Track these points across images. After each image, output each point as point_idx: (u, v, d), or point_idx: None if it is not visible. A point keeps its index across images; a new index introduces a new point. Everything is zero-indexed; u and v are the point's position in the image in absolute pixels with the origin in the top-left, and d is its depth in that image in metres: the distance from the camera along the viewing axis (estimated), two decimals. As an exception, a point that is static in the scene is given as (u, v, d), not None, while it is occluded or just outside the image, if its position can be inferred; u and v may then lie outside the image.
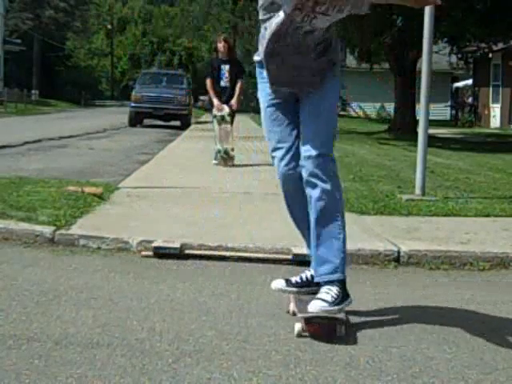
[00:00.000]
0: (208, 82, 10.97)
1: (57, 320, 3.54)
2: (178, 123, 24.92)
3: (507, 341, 3.51)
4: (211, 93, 10.99)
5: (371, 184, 8.45)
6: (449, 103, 42.53)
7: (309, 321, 3.42)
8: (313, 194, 3.53)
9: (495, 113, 31.63)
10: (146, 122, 25.32)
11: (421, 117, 7.72)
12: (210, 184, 8.38)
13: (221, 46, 10.91)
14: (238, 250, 5.05)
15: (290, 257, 4.96)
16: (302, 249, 5.02)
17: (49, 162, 10.95)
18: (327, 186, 3.50)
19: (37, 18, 58.56)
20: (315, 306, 3.40)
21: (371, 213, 6.51)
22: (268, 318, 3.71)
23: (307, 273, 3.80)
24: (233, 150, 11.14)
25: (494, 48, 27.59)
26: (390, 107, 33.93)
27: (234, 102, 10.98)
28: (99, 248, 5.13)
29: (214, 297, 4.09)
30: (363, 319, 3.78)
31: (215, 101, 10.92)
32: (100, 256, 4.98)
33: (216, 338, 3.37)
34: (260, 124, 17.69)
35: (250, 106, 45.81)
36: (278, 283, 3.85)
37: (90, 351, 3.13)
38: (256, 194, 7.80)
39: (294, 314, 3.58)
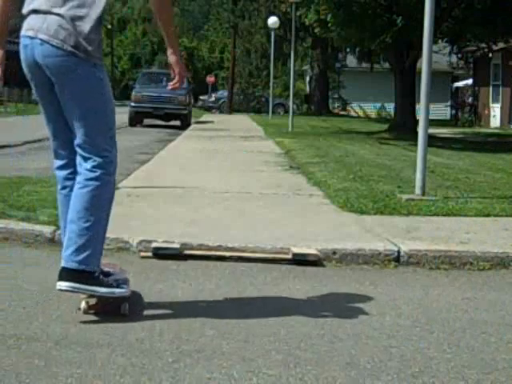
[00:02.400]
0: None
1: (57, 320, 3.54)
2: (178, 123, 24.92)
3: (507, 341, 3.51)
4: None
5: (371, 184, 8.45)
6: (449, 103, 42.55)
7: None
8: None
9: (495, 113, 31.62)
10: (146, 121, 25.32)
11: (421, 116, 7.72)
12: (209, 184, 8.38)
13: None
14: (238, 250, 5.05)
15: (289, 256, 4.96)
16: (301, 248, 5.04)
17: (49, 162, 10.93)
18: None
19: (37, 18, 58.51)
20: None
21: (371, 213, 6.50)
22: (268, 318, 3.71)
23: None
24: None
25: (494, 48, 27.60)
26: (390, 107, 33.98)
27: None
28: (99, 248, 5.12)
29: (214, 297, 4.09)
30: (363, 319, 3.79)
31: None
32: (100, 256, 4.97)
33: (216, 337, 3.37)
34: (260, 124, 17.80)
35: (249, 105, 45.81)
36: None
37: (90, 351, 3.13)
38: (256, 193, 7.80)
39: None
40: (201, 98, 52.60)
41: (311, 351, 3.25)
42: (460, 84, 41.28)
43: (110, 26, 73.56)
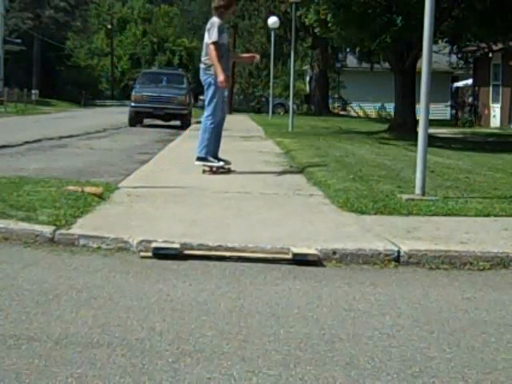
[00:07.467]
0: None
1: (57, 320, 3.54)
2: (178, 123, 24.92)
3: (507, 341, 3.51)
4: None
5: (371, 184, 8.44)
6: (449, 103, 42.56)
7: None
8: None
9: (495, 112, 31.65)
10: (146, 121, 25.33)
11: (421, 116, 7.71)
12: (209, 183, 8.38)
13: None
14: (238, 250, 5.05)
15: (289, 256, 4.96)
16: (301, 248, 5.04)
17: (49, 162, 10.95)
18: None
19: (37, 18, 58.59)
20: None
21: (371, 213, 6.50)
22: (268, 318, 3.72)
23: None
24: None
25: (494, 48, 27.64)
26: (390, 107, 33.98)
27: None
28: (99, 248, 5.13)
29: (213, 297, 4.09)
30: (363, 319, 3.79)
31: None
32: (100, 256, 4.98)
33: (216, 337, 3.38)
34: (260, 124, 17.96)
35: (249, 105, 45.81)
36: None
37: (90, 351, 3.13)
38: (256, 193, 7.80)
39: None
40: (201, 97, 52.54)
41: (311, 351, 3.25)
42: (460, 84, 41.29)
43: (109, 26, 73.57)
